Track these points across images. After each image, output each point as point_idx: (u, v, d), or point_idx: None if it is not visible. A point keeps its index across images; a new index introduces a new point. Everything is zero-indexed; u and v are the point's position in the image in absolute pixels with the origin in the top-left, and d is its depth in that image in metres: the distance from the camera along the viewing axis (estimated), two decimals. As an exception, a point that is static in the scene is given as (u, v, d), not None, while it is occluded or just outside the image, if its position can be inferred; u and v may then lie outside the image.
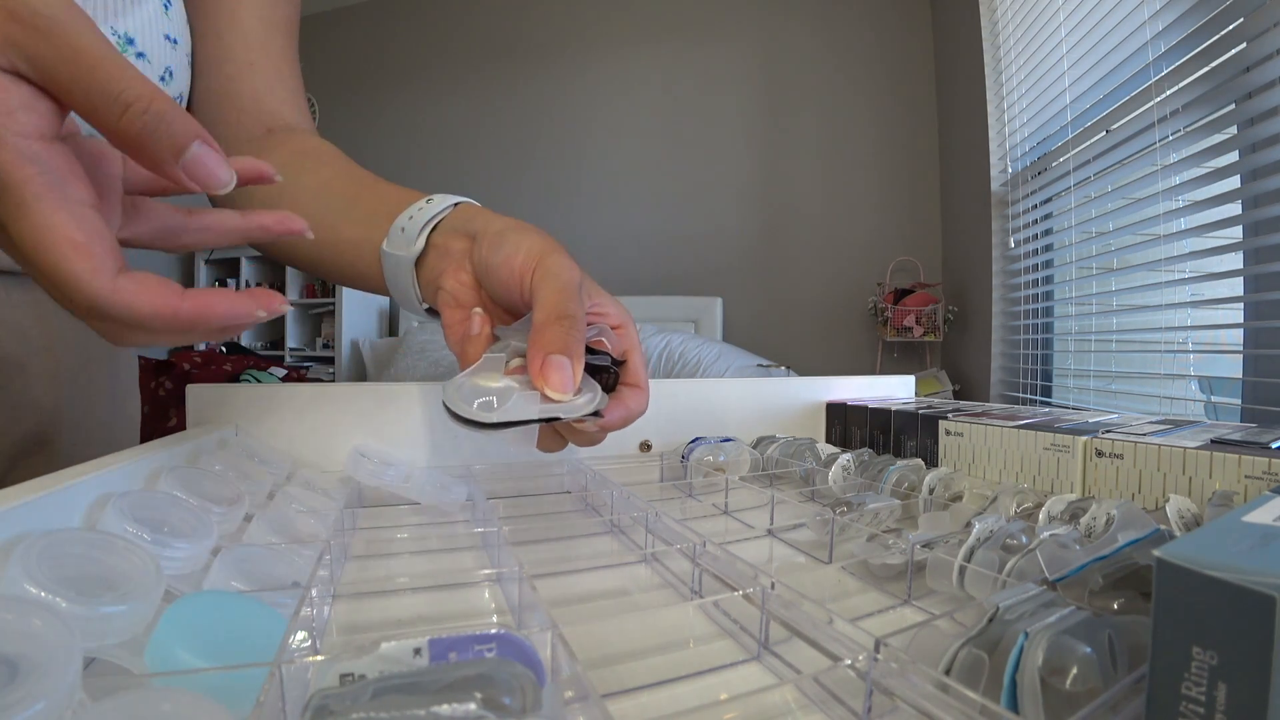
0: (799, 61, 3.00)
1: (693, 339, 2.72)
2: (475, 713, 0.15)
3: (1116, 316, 1.67)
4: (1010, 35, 2.05)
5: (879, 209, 2.88)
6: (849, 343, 2.92)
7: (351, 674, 0.17)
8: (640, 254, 3.24)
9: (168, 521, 0.28)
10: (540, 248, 0.37)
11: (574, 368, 0.32)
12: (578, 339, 0.33)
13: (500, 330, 0.38)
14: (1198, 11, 1.26)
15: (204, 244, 0.33)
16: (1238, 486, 0.35)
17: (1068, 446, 0.44)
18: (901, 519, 0.43)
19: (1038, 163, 1.95)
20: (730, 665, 0.26)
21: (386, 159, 3.49)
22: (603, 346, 0.37)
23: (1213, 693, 0.14)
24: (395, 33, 3.64)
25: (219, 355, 2.97)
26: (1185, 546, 0.16)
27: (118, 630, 0.20)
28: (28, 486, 0.26)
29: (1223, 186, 1.26)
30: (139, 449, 0.37)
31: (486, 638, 0.18)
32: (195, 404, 0.50)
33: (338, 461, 0.51)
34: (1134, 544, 0.27)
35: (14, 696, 0.14)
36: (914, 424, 0.57)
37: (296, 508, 0.38)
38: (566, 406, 0.32)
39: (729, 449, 0.57)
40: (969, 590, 0.30)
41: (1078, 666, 0.20)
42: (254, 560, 0.28)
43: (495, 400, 0.32)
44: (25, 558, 0.20)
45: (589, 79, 3.33)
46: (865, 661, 0.21)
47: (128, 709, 0.15)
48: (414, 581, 0.34)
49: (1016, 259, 2.09)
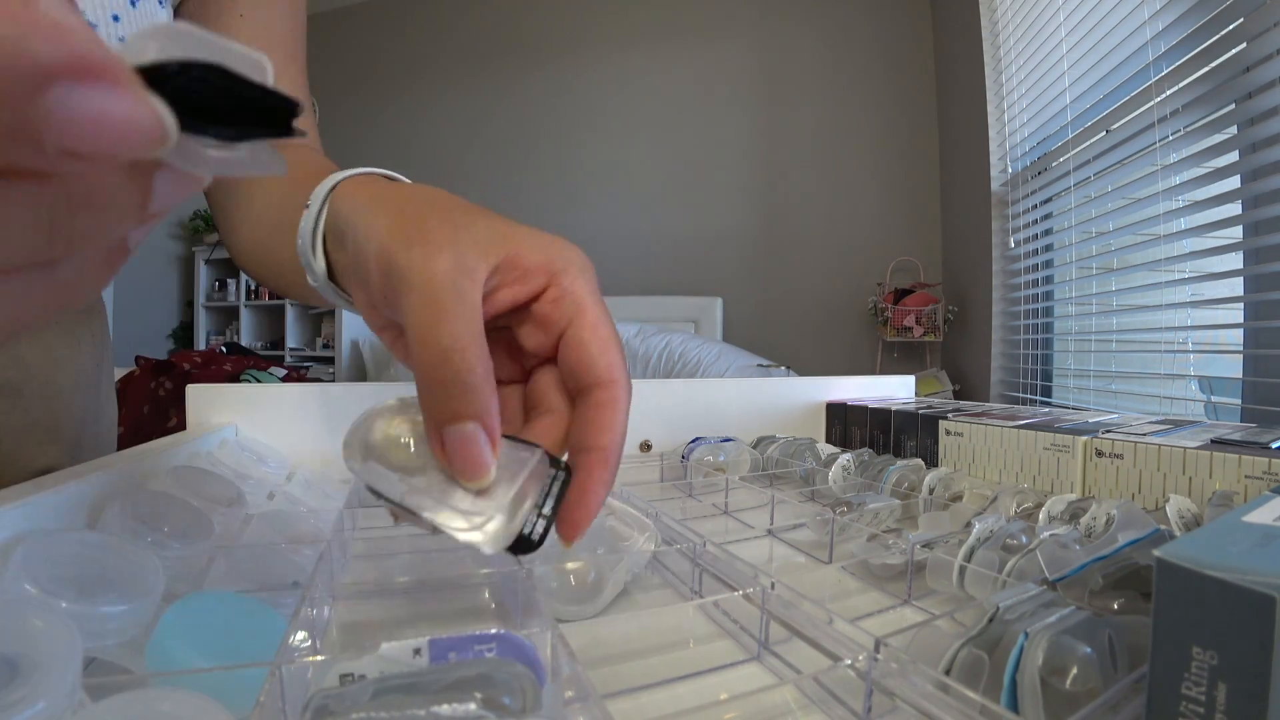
0: (799, 61, 3.00)
1: (693, 339, 2.72)
2: (475, 713, 0.15)
3: (1116, 316, 1.67)
4: (1010, 35, 2.05)
5: (879, 209, 2.88)
6: (849, 343, 2.92)
7: (351, 674, 0.17)
8: (640, 254, 3.24)
9: (168, 521, 0.28)
10: (386, 234, 0.24)
11: (480, 437, 0.22)
12: (466, 386, 0.22)
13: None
14: (1198, 11, 1.26)
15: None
16: (1238, 486, 0.35)
17: (1068, 446, 0.44)
18: (901, 519, 0.43)
19: (1038, 163, 1.95)
20: (730, 665, 0.26)
21: (386, 159, 3.49)
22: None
23: (1213, 693, 0.14)
24: (395, 33, 3.64)
25: (219, 355, 2.97)
26: (1185, 546, 0.16)
27: (118, 630, 0.20)
28: (28, 487, 0.26)
29: (1223, 186, 1.26)
30: (139, 449, 0.37)
31: (486, 638, 0.18)
32: (195, 404, 0.50)
33: (337, 461, 0.51)
34: (1134, 544, 0.27)
35: (14, 696, 0.14)
36: (914, 424, 0.57)
37: (297, 508, 0.38)
38: (480, 529, 0.21)
39: (729, 449, 0.57)
40: (969, 590, 0.30)
41: (1078, 666, 0.20)
42: (254, 560, 0.28)
43: (398, 479, 0.22)
44: (26, 558, 0.20)
45: (589, 79, 3.33)
46: (865, 661, 0.21)
47: (128, 709, 0.15)
48: (414, 582, 0.34)
49: (1016, 259, 2.09)
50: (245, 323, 3.80)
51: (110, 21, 0.40)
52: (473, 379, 0.22)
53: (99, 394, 0.56)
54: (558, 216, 3.34)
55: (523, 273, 0.25)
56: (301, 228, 0.30)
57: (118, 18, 0.41)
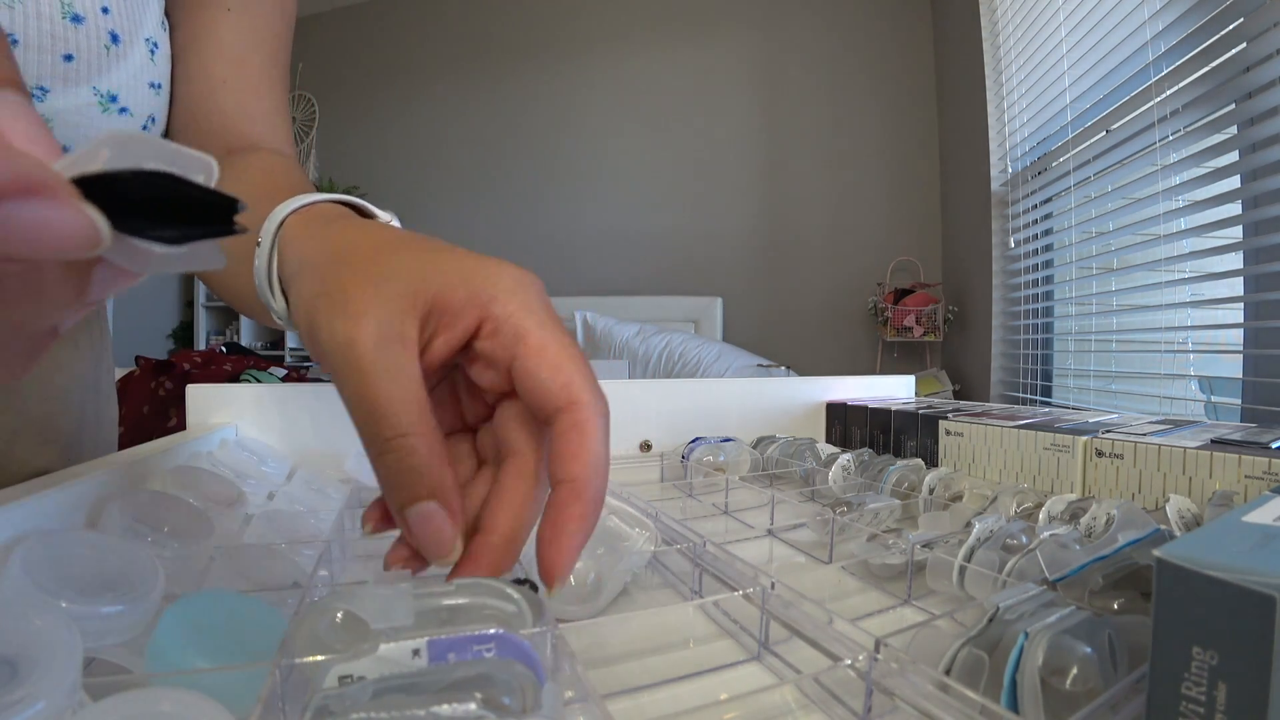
0: (799, 61, 3.00)
1: (693, 339, 2.72)
2: (475, 713, 0.15)
3: (1116, 316, 1.67)
4: (1010, 35, 2.05)
5: (879, 209, 2.88)
6: (849, 343, 2.92)
7: (351, 675, 0.17)
8: (640, 254, 3.24)
9: (168, 521, 0.28)
10: (310, 302, 0.23)
11: (439, 515, 0.21)
12: (414, 470, 0.21)
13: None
14: (1198, 11, 1.26)
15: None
16: (1238, 486, 0.35)
17: (1068, 446, 0.44)
18: (901, 519, 0.43)
19: (1038, 163, 1.95)
20: (730, 665, 0.26)
21: (385, 158, 3.50)
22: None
23: (1213, 693, 0.14)
24: (395, 32, 3.64)
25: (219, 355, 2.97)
26: (1185, 546, 0.16)
27: (118, 630, 0.20)
28: (28, 487, 0.26)
29: (1223, 186, 1.26)
30: (139, 449, 0.37)
31: (486, 638, 0.18)
32: (195, 404, 0.50)
33: (338, 461, 0.51)
34: (1134, 544, 0.27)
35: (14, 696, 0.14)
36: (914, 424, 0.57)
37: (297, 508, 0.38)
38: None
39: (729, 449, 0.57)
40: (969, 590, 0.30)
41: (1078, 666, 0.20)
42: (254, 560, 0.28)
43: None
44: (26, 558, 0.20)
45: (589, 77, 3.33)
46: (865, 661, 0.21)
47: (128, 709, 0.15)
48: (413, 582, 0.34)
49: (1016, 259, 2.09)
50: (245, 323, 3.80)
51: (100, 14, 0.40)
52: (417, 461, 0.21)
53: (99, 394, 0.56)
54: (557, 216, 3.34)
55: (451, 315, 0.23)
56: (256, 266, 0.29)
57: (107, 10, 0.40)
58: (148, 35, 0.43)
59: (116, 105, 0.42)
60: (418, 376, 0.22)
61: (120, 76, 0.41)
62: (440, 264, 0.23)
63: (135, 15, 0.42)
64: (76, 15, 0.38)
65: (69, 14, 0.38)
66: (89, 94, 0.40)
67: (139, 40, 0.42)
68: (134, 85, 0.42)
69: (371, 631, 0.18)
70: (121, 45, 0.41)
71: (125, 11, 0.41)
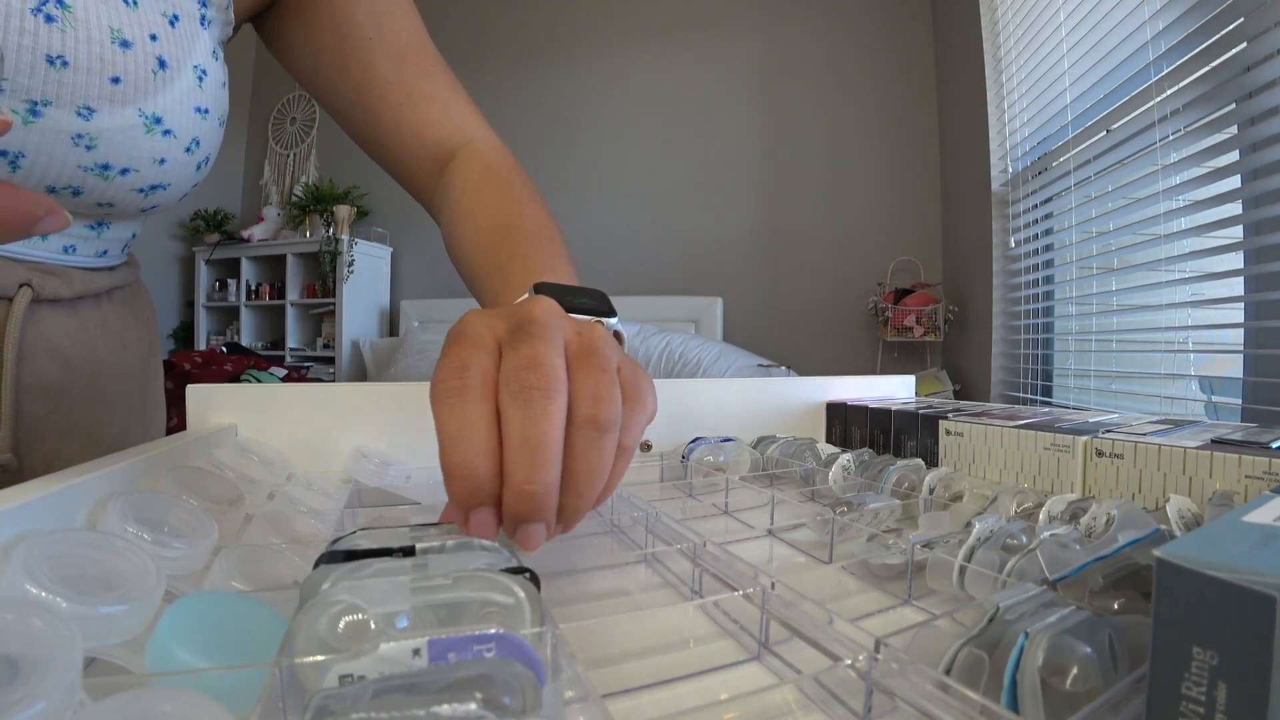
0: (799, 61, 3.00)
1: (693, 339, 2.72)
2: (475, 713, 0.15)
3: (1117, 316, 1.67)
4: (1010, 35, 2.05)
5: (879, 209, 2.88)
6: (849, 343, 2.92)
7: (351, 675, 0.17)
8: (640, 254, 3.24)
9: (168, 521, 0.28)
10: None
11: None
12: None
13: None
14: (1198, 11, 1.26)
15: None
16: (1238, 486, 0.35)
17: (1068, 446, 0.44)
18: (901, 519, 0.43)
19: (1038, 162, 1.95)
20: (730, 665, 0.26)
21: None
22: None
23: (1213, 693, 0.14)
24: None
25: (219, 355, 2.98)
26: (1185, 546, 0.16)
27: (118, 630, 0.20)
28: (28, 486, 0.26)
29: (1223, 186, 1.26)
30: (139, 449, 0.37)
31: (486, 638, 0.18)
32: (195, 404, 0.50)
33: (338, 461, 0.51)
34: (1134, 544, 0.27)
35: (14, 696, 0.14)
36: (914, 424, 0.57)
37: (297, 508, 0.38)
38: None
39: (729, 449, 0.57)
40: (969, 590, 0.30)
41: (1078, 666, 0.20)
42: (254, 560, 0.28)
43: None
44: (26, 558, 0.20)
45: (589, 77, 3.33)
46: (865, 661, 0.21)
47: (128, 709, 0.15)
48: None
49: (1017, 259, 2.09)
50: (245, 323, 3.80)
51: (148, 40, 0.41)
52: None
53: (145, 399, 0.57)
54: (557, 216, 3.33)
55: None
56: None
57: (155, 37, 0.42)
58: (196, 63, 0.45)
59: (161, 127, 0.44)
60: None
61: (166, 100, 0.43)
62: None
63: (184, 44, 0.44)
64: (125, 40, 0.40)
65: (118, 39, 0.39)
66: (134, 115, 0.41)
67: (187, 67, 0.44)
68: (179, 109, 0.44)
69: (372, 631, 0.18)
70: (169, 71, 0.43)
71: (174, 39, 0.43)
